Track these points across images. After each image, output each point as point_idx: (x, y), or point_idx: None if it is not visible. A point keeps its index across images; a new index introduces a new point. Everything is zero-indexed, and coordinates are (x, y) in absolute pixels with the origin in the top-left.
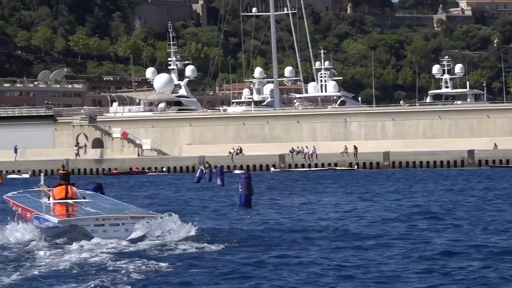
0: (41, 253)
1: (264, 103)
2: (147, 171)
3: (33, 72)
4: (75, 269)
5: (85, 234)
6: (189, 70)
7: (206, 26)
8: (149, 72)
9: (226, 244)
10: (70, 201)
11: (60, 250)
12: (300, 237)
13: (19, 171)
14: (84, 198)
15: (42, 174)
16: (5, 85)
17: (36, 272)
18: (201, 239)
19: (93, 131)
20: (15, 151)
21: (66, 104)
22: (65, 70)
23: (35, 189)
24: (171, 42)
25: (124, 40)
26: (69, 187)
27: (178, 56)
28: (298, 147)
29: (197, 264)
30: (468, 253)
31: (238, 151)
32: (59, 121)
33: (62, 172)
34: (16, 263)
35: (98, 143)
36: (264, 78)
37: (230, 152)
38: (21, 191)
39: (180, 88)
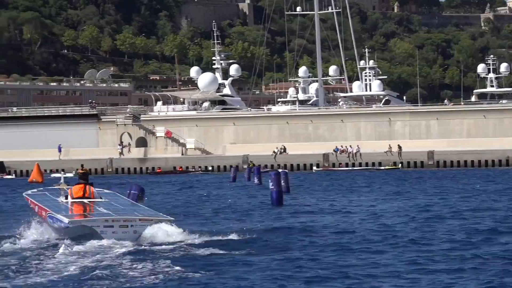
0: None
1: (309, 102)
2: (192, 170)
3: (79, 71)
4: (93, 273)
5: (95, 235)
6: (234, 69)
7: (253, 25)
8: (194, 71)
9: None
10: (86, 200)
11: (73, 252)
12: (311, 237)
13: (63, 170)
14: (101, 197)
15: (62, 172)
16: (52, 84)
17: (41, 279)
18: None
19: (137, 130)
20: (59, 150)
21: (112, 103)
22: (112, 69)
23: (55, 187)
24: (215, 41)
25: (170, 39)
26: (87, 186)
27: (222, 55)
28: (342, 146)
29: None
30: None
31: (282, 150)
32: (103, 120)
33: (81, 171)
34: (21, 266)
35: (141, 142)
36: (309, 77)
37: (274, 152)
38: (41, 189)
39: (225, 87)
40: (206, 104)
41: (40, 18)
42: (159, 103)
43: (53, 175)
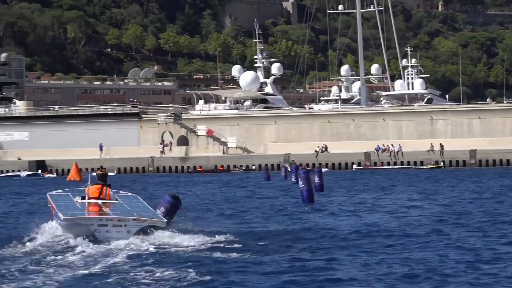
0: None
1: (353, 101)
2: (235, 169)
3: (123, 70)
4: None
5: (88, 234)
6: (275, 68)
7: (297, 23)
8: (235, 70)
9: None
10: (99, 201)
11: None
12: (332, 237)
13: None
14: (117, 199)
15: (90, 173)
16: (96, 83)
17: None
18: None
19: (178, 129)
20: (101, 149)
21: (155, 102)
22: (155, 68)
23: (82, 188)
24: (257, 40)
25: (214, 38)
26: (104, 188)
27: (264, 54)
28: (383, 145)
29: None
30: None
31: (323, 149)
32: (144, 118)
33: (100, 172)
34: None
35: (183, 141)
36: (351, 76)
37: (316, 150)
38: (67, 190)
39: (266, 85)
40: (247, 102)
41: (84, 17)
42: (201, 101)
43: (94, 174)
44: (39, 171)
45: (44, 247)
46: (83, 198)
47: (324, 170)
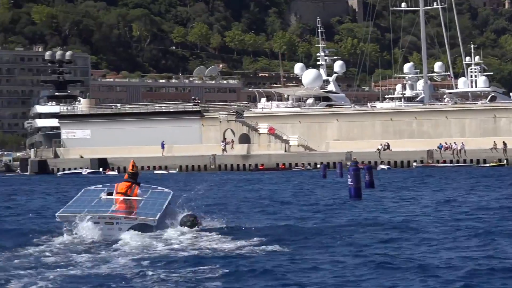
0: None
1: (417, 99)
2: (296, 167)
3: (188, 68)
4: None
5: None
6: (338, 66)
7: (362, 21)
8: (298, 67)
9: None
10: (121, 197)
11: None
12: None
13: (166, 167)
14: (143, 196)
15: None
16: (161, 81)
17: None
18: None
19: (240, 127)
20: (162, 147)
21: (220, 100)
22: (221, 66)
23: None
24: (320, 37)
25: (279, 36)
26: (133, 186)
27: (327, 52)
28: (446, 143)
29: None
30: None
31: (386, 147)
32: (206, 116)
33: (131, 171)
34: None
35: (244, 139)
36: (414, 74)
37: (378, 149)
38: (107, 184)
39: (329, 83)
40: (310, 100)
41: (149, 15)
42: (263, 99)
43: (156, 171)
44: (100, 169)
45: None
46: (110, 194)
47: (385, 167)
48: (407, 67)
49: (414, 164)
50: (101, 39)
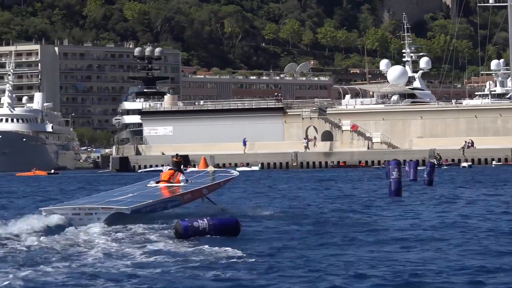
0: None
1: (507, 96)
2: (378, 165)
3: (279, 64)
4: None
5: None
6: (424, 62)
7: (455, 18)
8: (383, 64)
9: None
10: (163, 184)
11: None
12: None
13: (247, 164)
14: (187, 181)
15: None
16: (251, 77)
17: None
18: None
19: (323, 124)
20: (244, 144)
21: (311, 97)
22: (312, 62)
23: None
24: (406, 34)
25: (372, 32)
26: (175, 173)
27: (412, 48)
28: None
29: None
30: None
31: (470, 145)
32: (288, 113)
33: (175, 159)
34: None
35: (327, 136)
36: (499, 70)
37: (462, 147)
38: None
39: (415, 80)
40: (395, 97)
41: (241, 11)
42: (347, 96)
43: (238, 168)
44: (182, 166)
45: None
46: (159, 182)
47: (466, 165)
48: (494, 63)
49: (494, 163)
50: (193, 36)
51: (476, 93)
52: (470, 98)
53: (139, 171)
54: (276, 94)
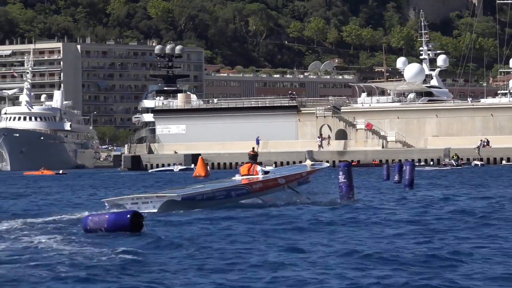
0: None
1: None
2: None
3: (304, 63)
4: None
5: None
6: (441, 60)
7: (482, 16)
8: (400, 62)
9: None
10: (244, 177)
11: None
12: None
13: (260, 163)
14: (267, 173)
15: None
16: (275, 76)
17: None
18: None
19: (337, 122)
20: (257, 143)
21: (335, 95)
22: (336, 61)
23: (303, 163)
24: (423, 31)
25: (397, 30)
26: (252, 165)
27: (430, 46)
28: None
29: None
30: None
31: (485, 144)
32: (302, 111)
33: (251, 152)
34: None
35: (341, 135)
36: None
37: (478, 146)
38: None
39: (432, 78)
40: (411, 95)
41: (266, 9)
42: (363, 94)
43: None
44: (193, 165)
45: None
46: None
47: (479, 163)
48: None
49: (504, 162)
50: (217, 34)
51: (499, 91)
52: (492, 97)
53: (150, 171)
54: (290, 92)
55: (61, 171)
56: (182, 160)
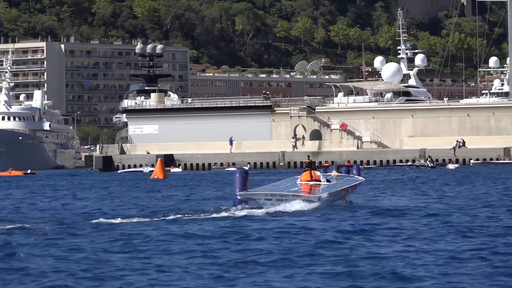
0: None
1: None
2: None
3: (291, 62)
4: None
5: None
6: (419, 59)
7: (470, 16)
8: (378, 61)
9: None
10: (313, 182)
11: None
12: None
13: (233, 164)
14: (329, 181)
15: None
16: (261, 76)
17: None
18: None
19: (311, 122)
20: (230, 143)
21: (321, 95)
22: (323, 60)
23: (330, 174)
24: (401, 30)
25: (385, 30)
26: (312, 172)
27: (408, 45)
28: None
29: None
30: None
31: (461, 144)
32: (277, 111)
33: (307, 160)
34: None
35: (316, 135)
36: (498, 68)
37: (454, 146)
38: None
39: (410, 78)
40: (388, 95)
41: (253, 9)
42: (340, 94)
43: (227, 169)
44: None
45: None
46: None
47: (454, 166)
48: (493, 61)
49: (471, 161)
50: (203, 33)
51: (483, 91)
52: (477, 97)
53: (119, 171)
54: (264, 91)
55: (29, 171)
56: (155, 161)
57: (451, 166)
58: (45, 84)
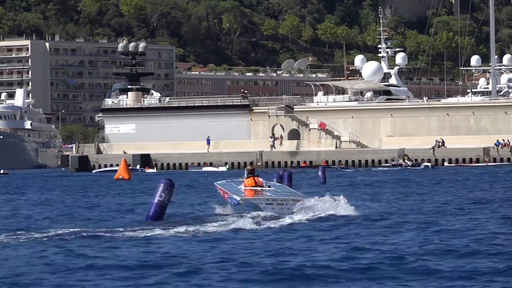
0: None
1: (501, 93)
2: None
3: (278, 61)
4: None
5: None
6: (400, 58)
7: (458, 14)
8: (358, 59)
9: None
10: (258, 188)
11: None
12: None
13: (211, 164)
14: (269, 187)
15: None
16: (248, 74)
17: None
18: None
19: (290, 122)
20: (208, 143)
21: (307, 94)
22: (310, 59)
23: (240, 180)
24: (382, 29)
25: (373, 29)
26: (256, 178)
27: (388, 43)
28: (504, 140)
29: None
30: None
31: (440, 144)
32: (255, 111)
33: (249, 167)
34: None
35: (294, 135)
36: (479, 67)
37: (433, 146)
38: (229, 180)
39: (391, 76)
40: (368, 94)
41: (240, 7)
42: (320, 93)
43: (204, 168)
44: (138, 167)
45: None
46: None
47: (429, 165)
48: (474, 59)
49: (445, 163)
50: (190, 32)
51: (468, 90)
52: (462, 96)
53: (94, 171)
54: (242, 90)
55: (1, 171)
56: (131, 160)
57: (426, 164)
58: (30, 83)
